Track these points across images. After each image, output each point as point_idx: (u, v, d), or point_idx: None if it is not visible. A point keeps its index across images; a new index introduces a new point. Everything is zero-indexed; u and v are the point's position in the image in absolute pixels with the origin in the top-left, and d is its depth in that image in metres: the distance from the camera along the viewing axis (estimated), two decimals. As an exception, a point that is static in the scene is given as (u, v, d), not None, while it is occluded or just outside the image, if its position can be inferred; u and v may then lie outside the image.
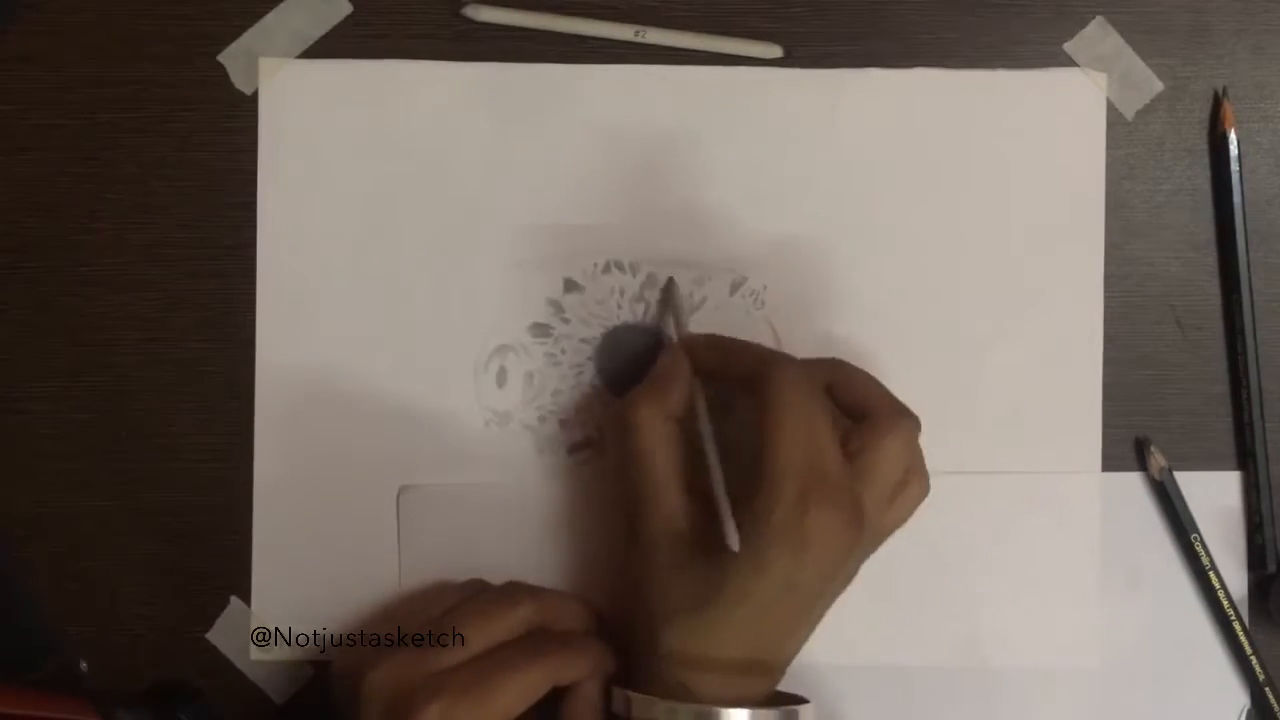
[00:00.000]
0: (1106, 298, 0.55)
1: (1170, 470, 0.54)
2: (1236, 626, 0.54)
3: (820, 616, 0.49)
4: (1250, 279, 0.55)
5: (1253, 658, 0.54)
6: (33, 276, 0.54)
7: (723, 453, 0.49)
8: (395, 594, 0.54)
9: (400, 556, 0.54)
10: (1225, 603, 0.54)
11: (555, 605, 0.52)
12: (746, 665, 0.47)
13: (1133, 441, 0.55)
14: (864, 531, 0.48)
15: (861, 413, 0.50)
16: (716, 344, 0.52)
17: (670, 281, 0.54)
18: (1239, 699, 0.55)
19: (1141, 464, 0.55)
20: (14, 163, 0.54)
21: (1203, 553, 0.54)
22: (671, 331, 0.53)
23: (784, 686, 0.49)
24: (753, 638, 0.47)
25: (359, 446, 0.54)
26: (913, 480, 0.50)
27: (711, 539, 0.47)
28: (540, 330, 0.55)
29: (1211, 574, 0.54)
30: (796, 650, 0.49)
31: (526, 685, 0.48)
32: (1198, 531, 0.54)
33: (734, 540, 0.46)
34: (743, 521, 0.47)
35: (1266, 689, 0.55)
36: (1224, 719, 0.55)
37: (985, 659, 0.55)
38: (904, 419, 0.50)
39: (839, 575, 0.49)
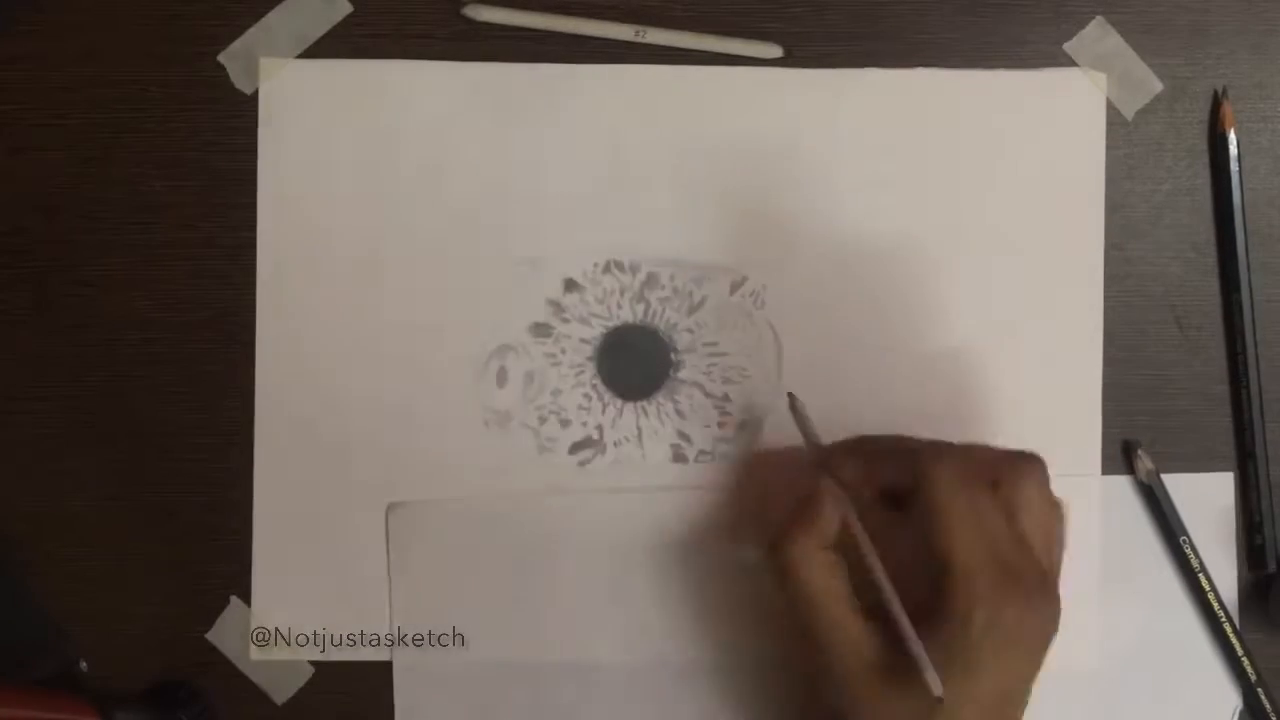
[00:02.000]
0: (1106, 298, 0.55)
1: (1158, 473, 0.54)
2: (1227, 628, 0.54)
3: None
4: (1250, 279, 0.55)
5: (1244, 659, 0.54)
6: (33, 276, 0.54)
7: (892, 570, 0.45)
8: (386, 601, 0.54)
9: (390, 573, 0.54)
10: (1215, 604, 0.54)
11: None
12: None
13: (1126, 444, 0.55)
14: (1059, 606, 0.45)
15: (993, 477, 0.47)
16: (858, 451, 0.48)
17: (791, 397, 0.50)
18: (1232, 699, 0.55)
19: (1129, 467, 0.55)
20: (14, 163, 0.54)
21: (1192, 555, 0.54)
22: (809, 443, 0.50)
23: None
24: None
25: (358, 447, 0.54)
26: (1057, 516, 0.48)
27: (906, 659, 0.44)
28: (540, 330, 0.55)
29: (1201, 576, 0.54)
30: None
31: None
32: (1186, 534, 0.54)
33: (936, 686, 0.42)
34: (936, 641, 0.43)
35: (1259, 689, 0.55)
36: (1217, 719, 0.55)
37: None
38: (1029, 463, 0.47)
39: (1042, 665, 0.45)
